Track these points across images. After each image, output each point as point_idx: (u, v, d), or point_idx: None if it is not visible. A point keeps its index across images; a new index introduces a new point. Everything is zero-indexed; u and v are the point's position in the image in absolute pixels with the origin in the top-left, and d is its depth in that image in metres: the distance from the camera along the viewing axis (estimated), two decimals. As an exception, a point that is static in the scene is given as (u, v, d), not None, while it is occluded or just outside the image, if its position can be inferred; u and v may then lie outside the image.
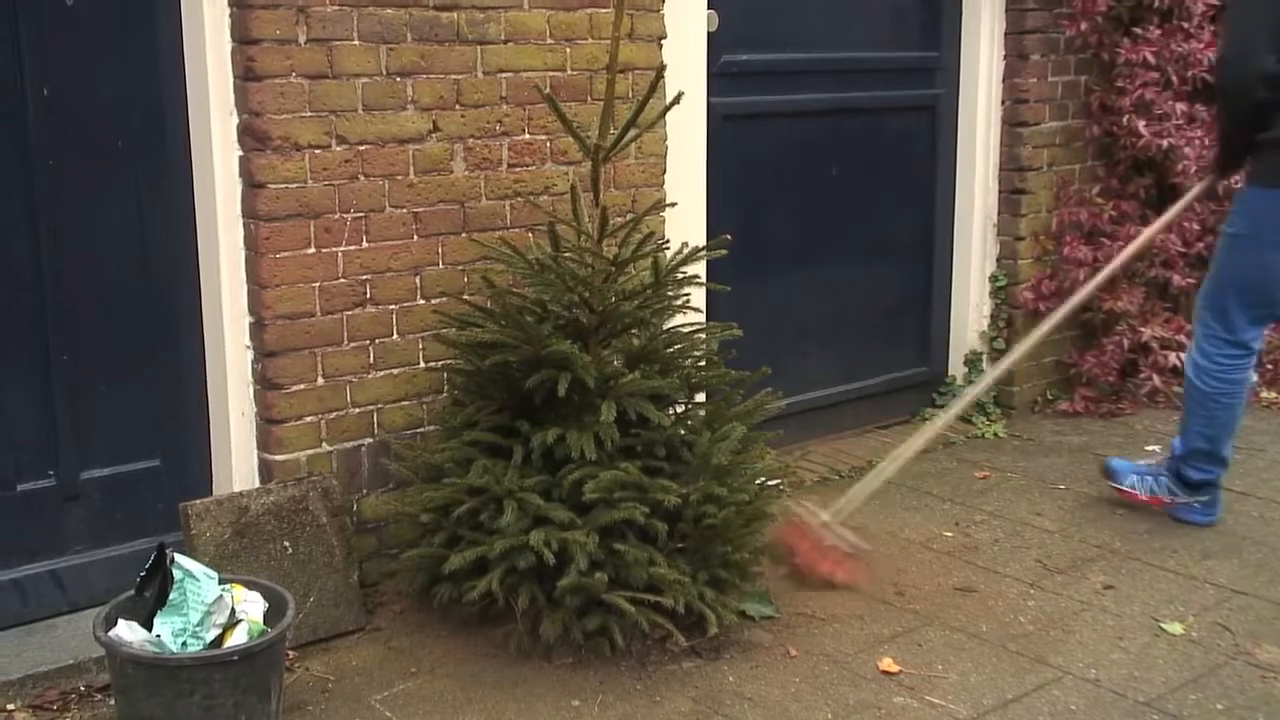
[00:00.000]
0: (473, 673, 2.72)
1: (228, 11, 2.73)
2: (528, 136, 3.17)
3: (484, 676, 2.70)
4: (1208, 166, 3.66)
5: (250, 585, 2.49)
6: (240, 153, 2.79)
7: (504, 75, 3.11)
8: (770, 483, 2.99)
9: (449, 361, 3.02)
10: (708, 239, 3.49)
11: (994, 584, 3.18)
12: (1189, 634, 2.92)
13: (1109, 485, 3.63)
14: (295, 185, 2.82)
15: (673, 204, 3.34)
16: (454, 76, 3.02)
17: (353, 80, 2.87)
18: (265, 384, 2.87)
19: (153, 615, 2.35)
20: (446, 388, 3.09)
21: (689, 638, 2.75)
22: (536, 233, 3.15)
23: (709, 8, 3.59)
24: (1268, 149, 3.17)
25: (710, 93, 3.63)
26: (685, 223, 3.45)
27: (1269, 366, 4.77)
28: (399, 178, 2.98)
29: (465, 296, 3.05)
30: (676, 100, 2.88)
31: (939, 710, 2.59)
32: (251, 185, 2.79)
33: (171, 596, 2.35)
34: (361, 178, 2.92)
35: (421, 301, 3.06)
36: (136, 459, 2.91)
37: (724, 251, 2.98)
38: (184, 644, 2.32)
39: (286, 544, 2.79)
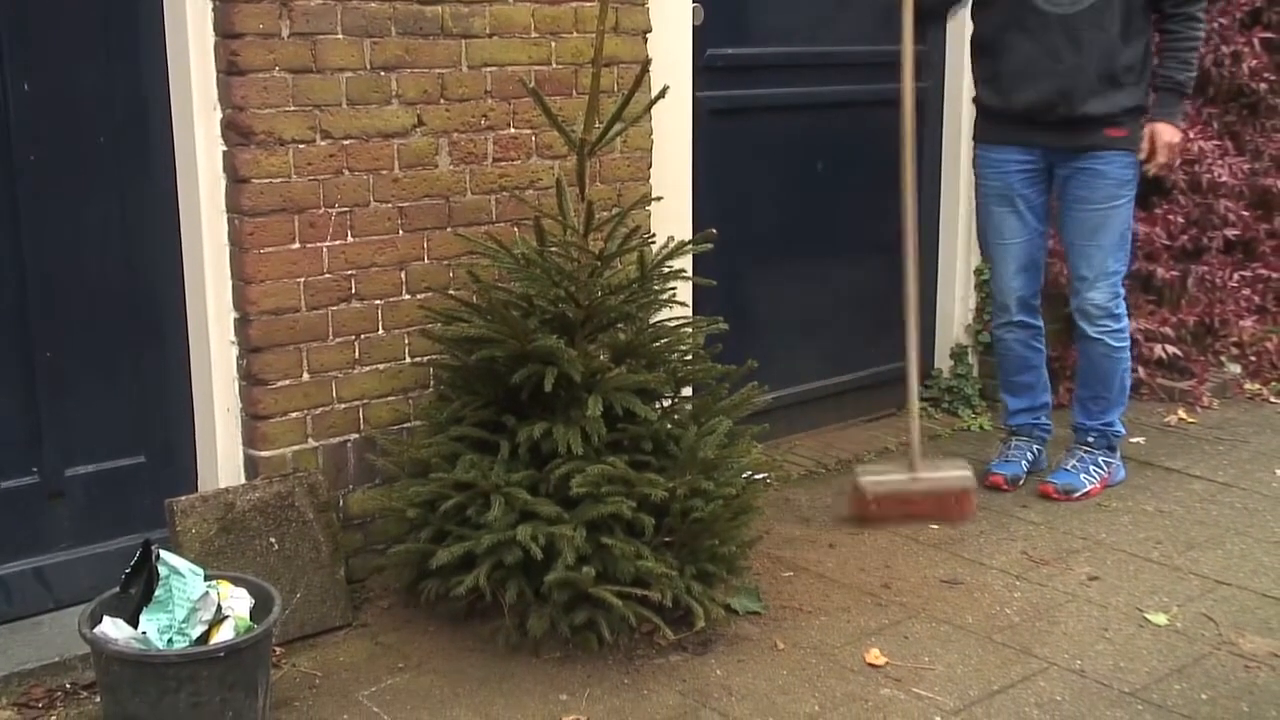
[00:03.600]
0: (460, 668, 2.72)
1: (210, 5, 2.72)
2: (513, 131, 3.17)
3: (471, 671, 2.70)
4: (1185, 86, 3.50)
5: (236, 582, 2.48)
6: (224, 148, 2.78)
7: (489, 69, 3.10)
8: (757, 476, 3.00)
9: (435, 357, 3.01)
10: (693, 233, 3.49)
11: (980, 576, 3.19)
12: (1173, 624, 2.93)
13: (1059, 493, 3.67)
14: (279, 180, 2.81)
15: (658, 198, 3.33)
16: (438, 71, 3.02)
17: (337, 75, 2.86)
18: (250, 380, 2.86)
19: (138, 612, 2.35)
20: (432, 383, 3.09)
21: (676, 631, 2.76)
22: (522, 227, 3.15)
23: (694, 1, 3.59)
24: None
25: (695, 87, 3.63)
26: (671, 217, 3.45)
27: (1252, 358, 4.80)
28: (384, 172, 2.97)
29: (451, 291, 3.05)
30: (662, 94, 2.87)
31: (925, 702, 2.60)
32: (235, 180, 2.78)
33: (157, 593, 2.34)
34: (346, 172, 2.91)
35: (407, 297, 3.05)
36: (121, 455, 2.90)
37: (710, 245, 2.98)
38: (170, 641, 2.31)
39: (273, 540, 2.78)
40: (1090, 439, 3.70)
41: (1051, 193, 3.60)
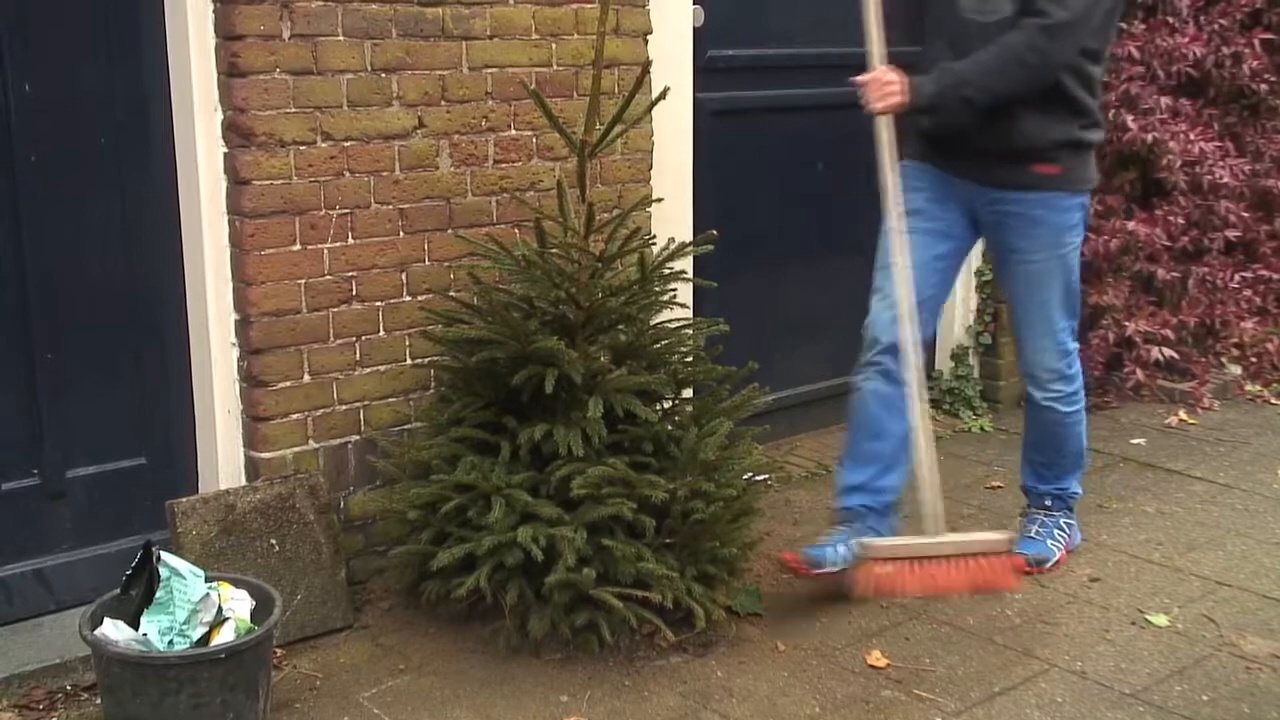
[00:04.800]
0: (461, 669, 2.72)
1: (211, 7, 2.72)
2: (514, 132, 3.17)
3: (472, 673, 2.70)
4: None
5: (237, 583, 2.48)
6: (225, 149, 2.78)
7: (489, 71, 3.10)
8: (758, 478, 2.99)
9: (435, 358, 3.01)
10: (694, 234, 3.49)
11: (981, 577, 3.18)
12: (1174, 626, 2.93)
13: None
14: (280, 182, 2.81)
15: (659, 200, 3.33)
16: (439, 72, 3.02)
17: (338, 76, 2.86)
18: (251, 381, 2.87)
19: (139, 614, 2.35)
20: (433, 384, 3.09)
21: (677, 633, 2.76)
22: (523, 229, 3.15)
23: (694, 3, 3.59)
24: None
25: (696, 88, 3.63)
26: (672, 218, 3.45)
27: (1253, 359, 4.80)
28: (385, 174, 2.97)
29: (452, 293, 3.05)
30: (662, 96, 2.88)
31: (927, 703, 2.60)
32: (236, 182, 2.78)
33: (158, 595, 2.34)
34: (347, 174, 2.91)
35: (408, 298, 3.05)
36: (122, 457, 2.90)
37: (710, 247, 2.98)
38: (171, 642, 2.31)
39: (273, 542, 2.78)
40: (1048, 503, 3.25)
41: (976, 234, 3.09)
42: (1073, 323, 3.10)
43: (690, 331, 3.00)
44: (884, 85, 2.82)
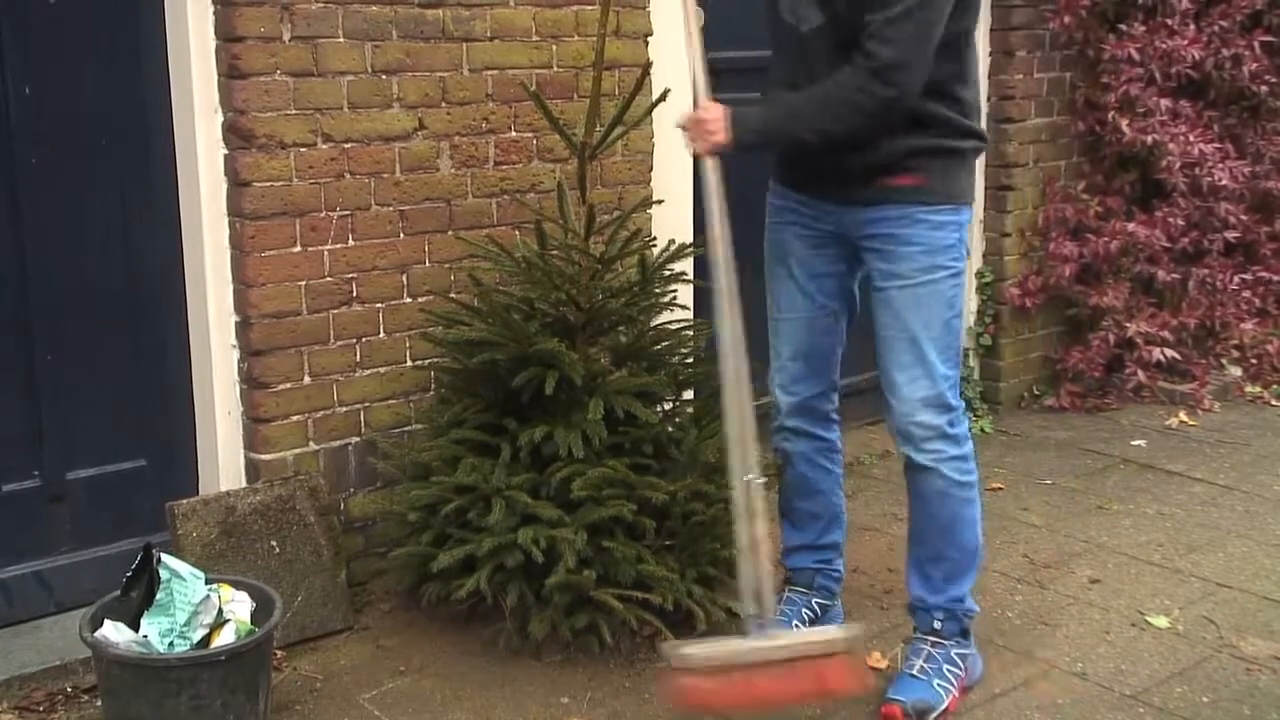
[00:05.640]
0: (461, 671, 2.72)
1: (212, 9, 2.72)
2: (514, 134, 3.17)
3: (472, 675, 2.70)
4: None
5: (237, 585, 2.48)
6: (225, 151, 2.78)
7: (490, 73, 3.10)
8: (758, 479, 2.99)
9: (436, 360, 3.01)
10: (694, 236, 3.49)
11: (981, 579, 3.15)
12: (1175, 627, 2.93)
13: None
14: (281, 183, 2.81)
15: (659, 201, 3.33)
16: (440, 74, 3.02)
17: (338, 78, 2.86)
18: (252, 383, 2.87)
19: (139, 616, 2.35)
20: (433, 386, 3.09)
21: (677, 634, 2.75)
22: (523, 230, 3.15)
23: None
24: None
25: (697, 90, 3.63)
26: (672, 220, 3.45)
27: (1253, 361, 4.80)
28: (385, 176, 2.97)
29: (452, 295, 3.05)
30: (663, 97, 2.88)
31: (927, 705, 2.60)
32: (237, 184, 2.78)
33: (158, 597, 2.34)
34: (347, 176, 2.91)
35: (408, 300, 3.05)
36: (122, 459, 2.90)
37: (711, 248, 2.98)
38: (171, 644, 2.31)
39: (274, 543, 2.78)
40: (937, 624, 2.61)
41: (860, 262, 2.67)
42: (954, 374, 2.59)
43: (691, 333, 3.00)
44: (703, 124, 2.50)
